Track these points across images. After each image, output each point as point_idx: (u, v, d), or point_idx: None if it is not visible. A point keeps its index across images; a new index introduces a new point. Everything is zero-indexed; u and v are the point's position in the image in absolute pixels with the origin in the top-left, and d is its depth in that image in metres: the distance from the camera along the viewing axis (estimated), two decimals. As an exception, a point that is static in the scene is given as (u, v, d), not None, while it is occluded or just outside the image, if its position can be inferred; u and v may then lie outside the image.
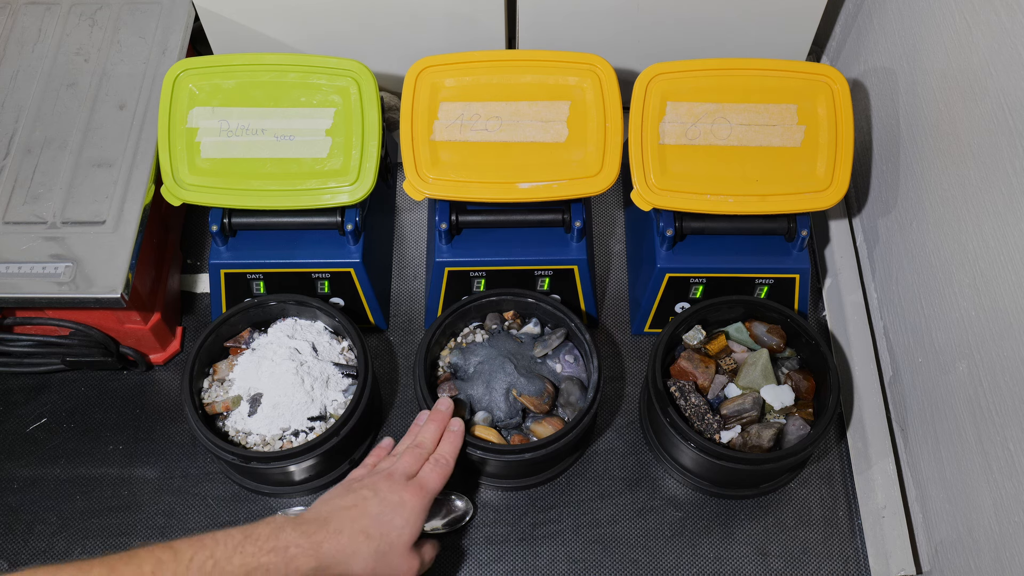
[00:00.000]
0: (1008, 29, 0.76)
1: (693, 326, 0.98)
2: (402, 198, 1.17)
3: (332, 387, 0.95)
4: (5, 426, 1.01)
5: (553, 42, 1.10)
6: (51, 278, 0.90)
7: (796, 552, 0.94)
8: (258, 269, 0.99)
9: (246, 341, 0.98)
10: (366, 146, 0.95)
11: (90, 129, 0.99)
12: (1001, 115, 0.77)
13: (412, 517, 0.82)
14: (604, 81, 0.95)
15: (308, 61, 0.96)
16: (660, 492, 0.98)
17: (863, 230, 1.10)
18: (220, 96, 0.96)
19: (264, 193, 0.95)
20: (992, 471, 0.79)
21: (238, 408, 0.93)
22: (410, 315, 1.09)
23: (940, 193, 0.89)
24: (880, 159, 1.04)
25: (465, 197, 0.95)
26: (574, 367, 0.97)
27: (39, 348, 0.99)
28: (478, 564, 0.94)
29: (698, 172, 0.95)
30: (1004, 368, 0.77)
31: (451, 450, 0.88)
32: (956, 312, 0.86)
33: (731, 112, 0.96)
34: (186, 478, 0.99)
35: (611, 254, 1.14)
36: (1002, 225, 0.77)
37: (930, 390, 0.91)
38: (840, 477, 0.99)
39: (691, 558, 0.94)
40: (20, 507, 0.96)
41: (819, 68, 0.96)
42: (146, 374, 1.05)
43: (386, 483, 0.83)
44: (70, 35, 1.06)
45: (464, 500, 0.96)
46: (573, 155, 0.95)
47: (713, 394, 0.95)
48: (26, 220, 0.94)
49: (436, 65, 0.95)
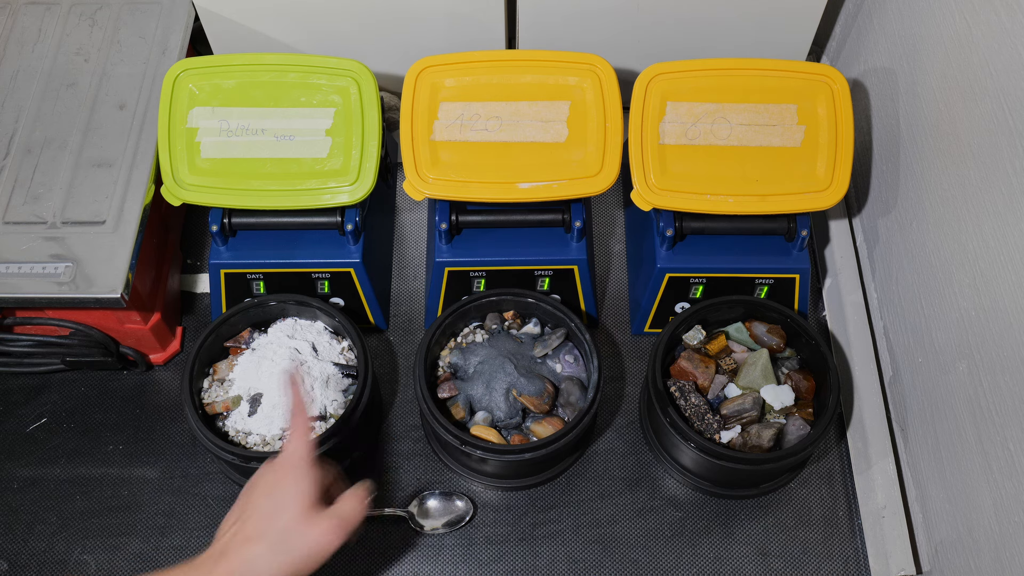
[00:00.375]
0: (1008, 29, 0.76)
1: (693, 326, 0.98)
2: (402, 198, 1.17)
3: (332, 387, 0.95)
4: (5, 426, 1.01)
5: (553, 42, 1.10)
6: (51, 278, 0.90)
7: (796, 552, 0.95)
8: (258, 269, 0.99)
9: (246, 341, 0.98)
10: (366, 146, 0.95)
11: (90, 129, 0.99)
12: (1001, 115, 0.77)
13: (286, 489, 0.78)
14: (604, 81, 0.95)
15: (308, 61, 0.96)
16: (660, 492, 0.98)
17: (863, 230, 1.10)
18: (220, 96, 0.96)
19: (264, 193, 0.95)
20: (992, 471, 0.79)
21: (238, 408, 0.93)
22: (410, 315, 1.09)
23: (940, 193, 0.89)
24: (880, 159, 1.04)
25: (465, 197, 0.95)
26: (574, 367, 0.97)
27: (39, 348, 0.99)
28: (478, 564, 0.94)
29: (698, 172, 0.95)
30: (1004, 368, 0.77)
31: (296, 411, 0.83)
32: (956, 312, 0.86)
33: (731, 112, 0.96)
34: (186, 478, 0.99)
35: (611, 254, 1.14)
36: (1002, 225, 0.77)
37: (930, 390, 0.91)
38: (840, 477, 0.99)
39: (691, 558, 0.94)
40: (20, 507, 0.96)
41: (819, 68, 0.96)
42: (146, 374, 1.05)
43: (256, 477, 0.81)
44: (70, 35, 1.06)
45: (464, 500, 0.96)
46: (573, 155, 0.95)
47: (713, 394, 0.95)
48: (26, 220, 0.94)
49: (436, 65, 0.95)
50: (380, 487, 0.98)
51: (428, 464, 0.99)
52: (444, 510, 0.95)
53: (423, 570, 0.93)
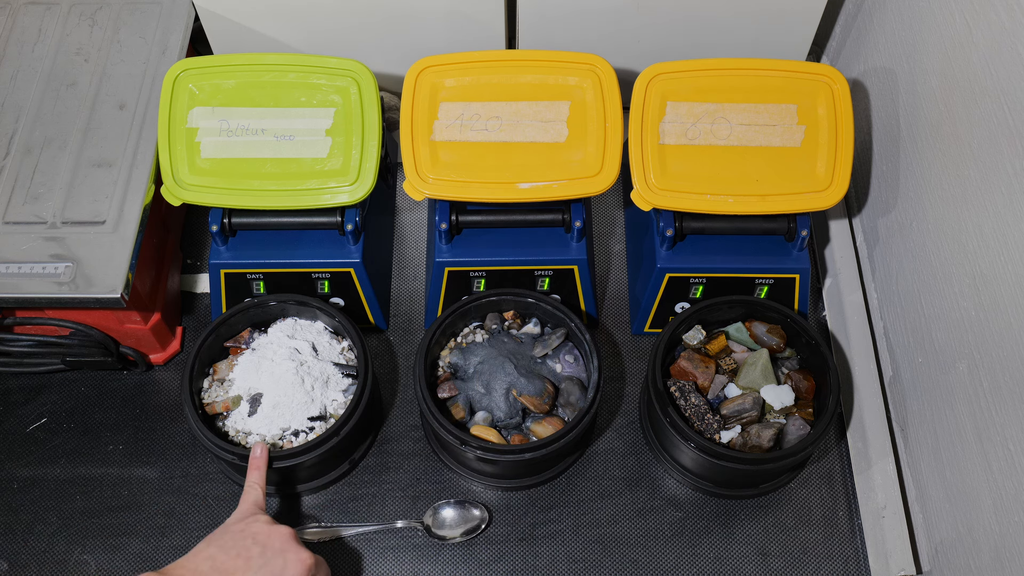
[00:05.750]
0: (1008, 29, 0.76)
1: (693, 326, 0.98)
2: (402, 198, 1.17)
3: (332, 387, 0.95)
4: (5, 426, 1.01)
5: (553, 42, 1.10)
6: (51, 278, 0.90)
7: (796, 552, 0.95)
8: (258, 269, 0.99)
9: (246, 341, 0.98)
10: (366, 146, 0.95)
11: (90, 129, 0.99)
12: (1001, 115, 0.77)
13: None
14: (604, 81, 0.95)
15: (308, 61, 0.96)
16: (660, 492, 0.98)
17: (863, 230, 1.10)
18: (220, 96, 0.96)
19: (264, 193, 0.95)
20: (992, 471, 0.79)
21: (238, 408, 0.93)
22: (410, 315, 1.09)
23: (940, 193, 0.89)
24: (880, 159, 1.04)
25: (465, 197, 0.95)
26: (574, 367, 0.97)
27: (39, 348, 0.99)
28: (478, 564, 0.94)
29: (698, 172, 0.95)
30: (1004, 368, 0.77)
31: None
32: (956, 312, 0.86)
33: (731, 112, 0.96)
34: (186, 478, 0.99)
35: (611, 254, 1.14)
36: (1002, 225, 0.77)
37: (930, 390, 0.91)
38: (840, 477, 0.99)
39: (691, 558, 0.94)
40: (20, 507, 0.96)
41: (819, 68, 0.96)
42: (146, 374, 1.05)
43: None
44: (70, 35, 1.06)
45: (480, 508, 0.95)
46: (573, 155, 0.95)
47: (713, 394, 0.95)
48: (26, 220, 0.94)
49: (436, 65, 0.95)
50: (380, 487, 0.98)
51: (428, 464, 0.99)
52: (460, 519, 0.95)
53: (423, 570, 0.93)
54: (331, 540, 0.94)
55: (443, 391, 0.95)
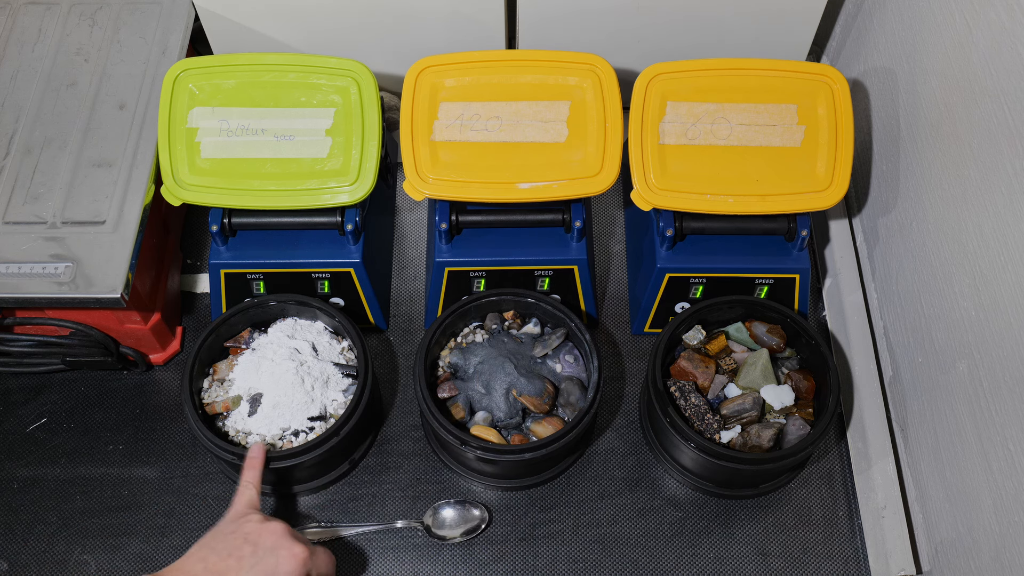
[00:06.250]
0: (1008, 29, 0.76)
1: (693, 326, 0.98)
2: (402, 198, 1.17)
3: (332, 387, 0.95)
4: (5, 426, 1.01)
5: (553, 42, 1.10)
6: (51, 278, 0.90)
7: (796, 552, 0.94)
8: (258, 269, 0.99)
9: (246, 341, 0.98)
10: (366, 146, 0.95)
11: (90, 129, 0.99)
12: (1001, 115, 0.77)
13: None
14: (604, 81, 0.95)
15: (308, 61, 0.96)
16: (660, 492, 0.98)
17: (863, 230, 1.10)
18: (220, 96, 0.96)
19: (264, 193, 0.95)
20: (992, 471, 0.79)
21: (238, 408, 0.93)
22: (410, 315, 1.09)
23: (940, 193, 0.89)
24: (880, 159, 1.04)
25: (465, 197, 0.95)
26: (574, 367, 0.97)
27: (39, 348, 0.99)
28: (478, 564, 0.94)
29: (698, 172, 0.95)
30: (1004, 368, 0.77)
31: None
32: (956, 312, 0.86)
33: (731, 112, 0.96)
34: (186, 478, 0.99)
35: (611, 254, 1.14)
36: (1002, 225, 0.77)
37: (930, 390, 0.91)
38: (840, 477, 0.99)
39: (691, 558, 0.94)
40: (20, 507, 0.96)
41: (819, 68, 0.96)
42: (146, 374, 1.05)
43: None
44: (70, 35, 1.06)
45: (480, 508, 0.95)
46: (573, 155, 0.95)
47: (713, 394, 0.95)
48: (26, 220, 0.94)
49: (436, 65, 0.95)
50: (380, 487, 0.98)
51: (428, 464, 0.99)
52: (460, 519, 0.95)
53: (423, 570, 0.93)
54: (331, 540, 0.94)
55: (443, 391, 0.95)
